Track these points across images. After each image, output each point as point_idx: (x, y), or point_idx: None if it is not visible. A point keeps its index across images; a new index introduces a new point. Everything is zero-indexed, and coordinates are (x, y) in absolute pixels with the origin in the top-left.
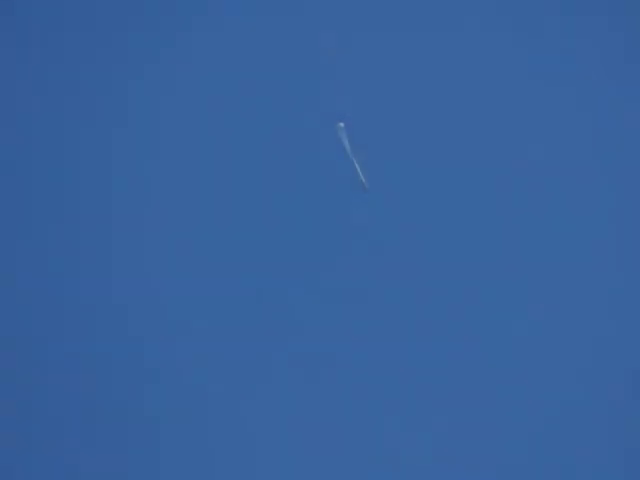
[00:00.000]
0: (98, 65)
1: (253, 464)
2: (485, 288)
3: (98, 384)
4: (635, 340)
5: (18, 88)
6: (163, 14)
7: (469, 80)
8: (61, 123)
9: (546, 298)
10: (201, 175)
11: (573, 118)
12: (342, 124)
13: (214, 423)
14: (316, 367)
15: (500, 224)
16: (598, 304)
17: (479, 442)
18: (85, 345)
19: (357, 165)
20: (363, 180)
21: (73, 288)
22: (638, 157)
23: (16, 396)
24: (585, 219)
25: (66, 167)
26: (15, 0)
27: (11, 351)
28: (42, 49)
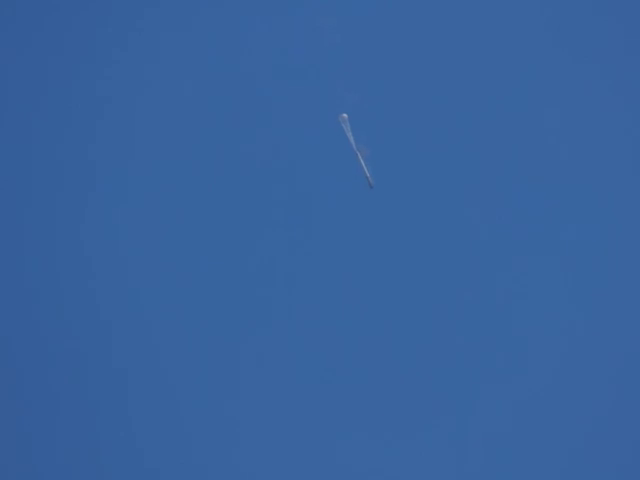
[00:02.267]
0: (97, 64)
1: (247, 462)
2: (489, 285)
3: (90, 382)
4: (635, 339)
5: (17, 86)
6: (170, 7)
7: (474, 76)
8: (55, 122)
9: (550, 298)
10: (201, 173)
11: (576, 115)
12: (345, 115)
13: (207, 421)
14: (315, 366)
15: (505, 219)
16: (598, 303)
17: (478, 444)
18: (76, 344)
19: (362, 161)
20: (368, 176)
21: (64, 286)
22: (637, 157)
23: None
24: (587, 219)
25: (61, 167)
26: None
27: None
28: (41, 48)
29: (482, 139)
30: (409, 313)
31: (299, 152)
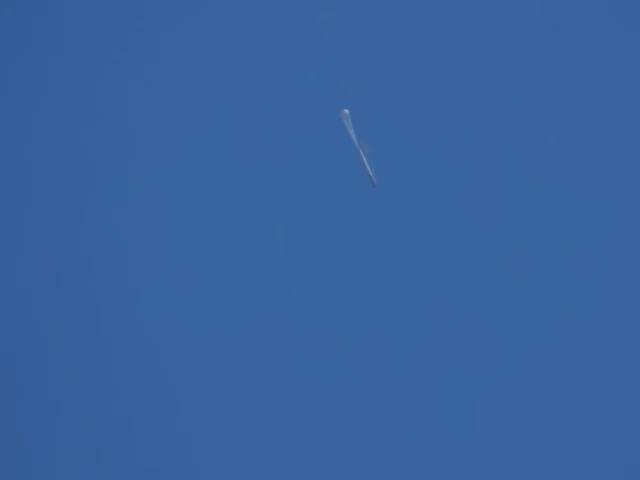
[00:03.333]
0: (97, 64)
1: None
2: (493, 286)
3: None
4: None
5: (17, 86)
6: (170, 5)
7: (477, 72)
8: (51, 121)
9: (554, 300)
10: (201, 171)
11: (580, 114)
12: (347, 111)
13: (206, 422)
14: (316, 368)
15: (509, 218)
16: (602, 306)
17: (479, 450)
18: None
19: (364, 158)
20: (371, 174)
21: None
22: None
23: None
24: (590, 219)
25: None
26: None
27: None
28: (41, 48)
29: (487, 136)
30: (412, 313)
31: (300, 149)
